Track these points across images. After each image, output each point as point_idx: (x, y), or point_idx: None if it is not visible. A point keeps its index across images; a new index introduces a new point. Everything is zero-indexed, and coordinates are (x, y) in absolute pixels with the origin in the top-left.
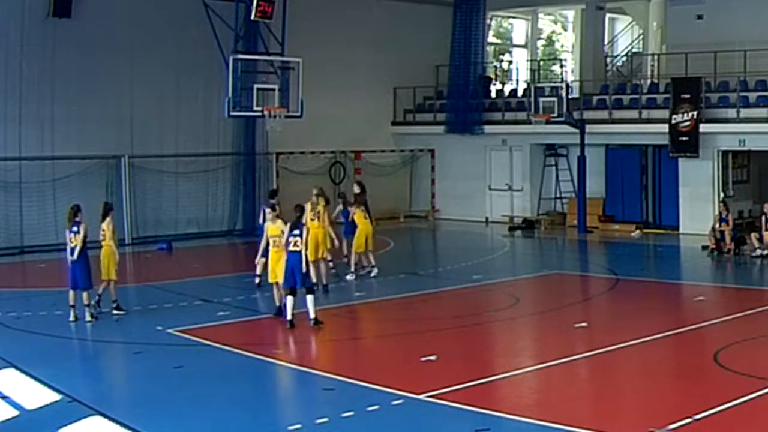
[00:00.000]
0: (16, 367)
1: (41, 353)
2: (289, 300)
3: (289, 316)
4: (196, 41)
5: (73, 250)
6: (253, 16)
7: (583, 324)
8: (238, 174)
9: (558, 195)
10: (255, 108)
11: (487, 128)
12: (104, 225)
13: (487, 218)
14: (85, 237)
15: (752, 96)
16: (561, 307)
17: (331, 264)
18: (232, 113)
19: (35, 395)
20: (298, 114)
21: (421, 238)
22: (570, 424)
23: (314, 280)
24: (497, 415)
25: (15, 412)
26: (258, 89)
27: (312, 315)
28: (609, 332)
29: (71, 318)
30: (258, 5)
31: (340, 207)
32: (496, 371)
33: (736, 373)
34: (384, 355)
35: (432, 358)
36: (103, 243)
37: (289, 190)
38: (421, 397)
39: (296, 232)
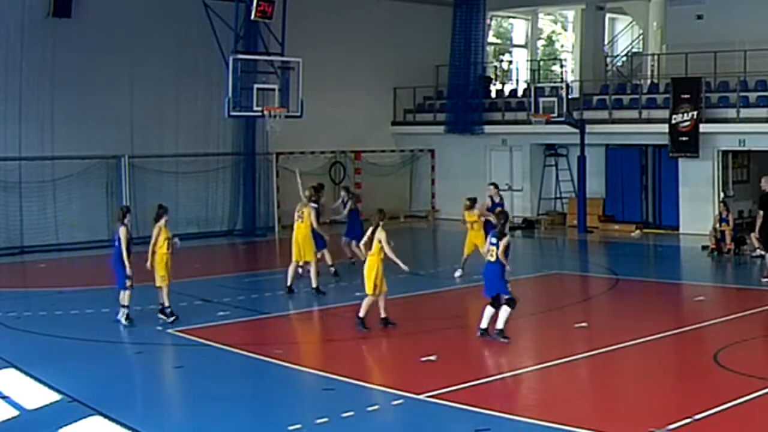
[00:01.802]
0: (16, 367)
1: (41, 353)
2: (488, 310)
3: (484, 324)
4: (196, 41)
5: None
6: (253, 16)
7: (583, 324)
8: (238, 174)
9: (558, 195)
10: (255, 108)
11: (487, 128)
12: (155, 229)
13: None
14: (121, 239)
15: (752, 96)
16: (561, 307)
17: (332, 269)
18: (232, 113)
19: (35, 395)
20: (298, 114)
21: (421, 238)
22: (570, 424)
23: (289, 282)
24: (497, 415)
25: (15, 412)
26: (258, 89)
27: (500, 325)
28: (609, 332)
29: (122, 318)
30: (258, 5)
31: (342, 200)
32: (496, 371)
33: (736, 373)
34: (384, 355)
35: (432, 358)
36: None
37: (289, 190)
38: (421, 397)
39: (494, 240)
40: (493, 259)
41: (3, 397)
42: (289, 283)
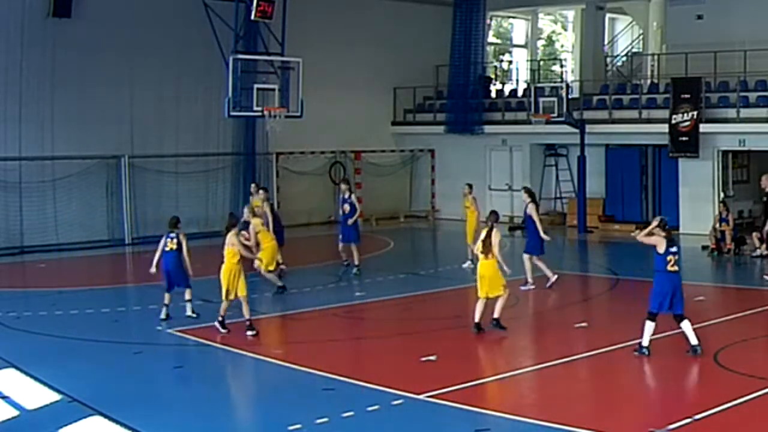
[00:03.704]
0: (16, 367)
1: (41, 353)
2: (649, 326)
3: (645, 342)
4: (196, 41)
5: (168, 253)
6: (253, 16)
7: (583, 324)
8: (238, 174)
9: (558, 195)
10: (255, 108)
11: (487, 128)
12: (229, 239)
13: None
14: (179, 244)
15: (752, 96)
16: (561, 307)
17: (283, 267)
18: (232, 113)
19: (35, 395)
20: (298, 114)
21: (421, 238)
22: (570, 424)
23: (281, 282)
24: (497, 415)
25: (15, 412)
26: (258, 89)
27: (694, 341)
28: (609, 332)
29: (162, 315)
30: (258, 5)
31: (345, 194)
32: (496, 371)
33: (736, 373)
34: (384, 355)
35: (432, 358)
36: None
37: (289, 190)
38: (421, 397)
39: (674, 249)
40: (678, 268)
41: (3, 397)
42: (281, 283)
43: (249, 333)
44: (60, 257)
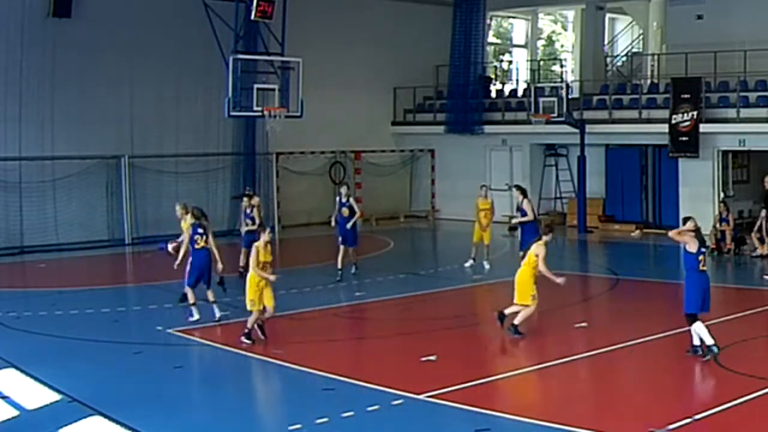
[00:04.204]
0: (16, 367)
1: (41, 353)
2: (699, 326)
3: (710, 341)
4: (196, 41)
5: (201, 250)
6: (253, 16)
7: (583, 324)
8: (238, 174)
9: (558, 195)
10: (255, 108)
11: (487, 128)
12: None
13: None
14: (209, 240)
15: (752, 96)
16: (561, 307)
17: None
18: (232, 113)
19: (35, 395)
20: (298, 114)
21: (421, 238)
22: (570, 424)
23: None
24: (497, 415)
25: (15, 412)
26: (258, 89)
27: (697, 342)
28: (609, 332)
29: (196, 316)
30: (258, 5)
31: (344, 198)
32: (496, 371)
33: (736, 373)
34: (384, 355)
35: (432, 358)
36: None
37: (289, 190)
38: (421, 397)
39: (704, 249)
40: (705, 269)
41: (3, 397)
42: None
43: (244, 340)
44: (60, 257)
